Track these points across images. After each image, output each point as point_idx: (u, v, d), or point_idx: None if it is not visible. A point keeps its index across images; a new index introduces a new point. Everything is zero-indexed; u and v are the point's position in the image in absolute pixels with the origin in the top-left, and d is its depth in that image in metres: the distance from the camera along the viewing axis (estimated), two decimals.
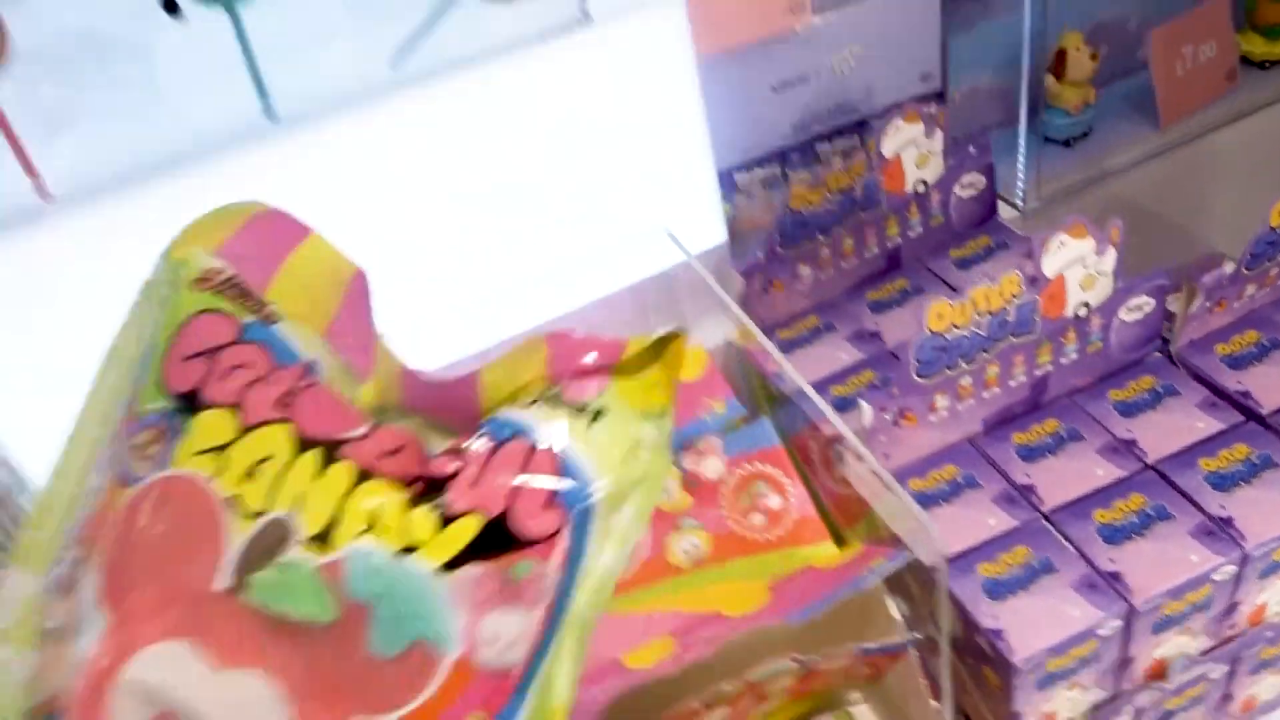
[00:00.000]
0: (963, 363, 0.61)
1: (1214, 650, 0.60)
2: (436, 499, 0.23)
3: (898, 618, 0.56)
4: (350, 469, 0.24)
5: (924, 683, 0.57)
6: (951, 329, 0.59)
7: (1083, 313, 0.64)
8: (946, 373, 0.61)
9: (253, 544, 0.23)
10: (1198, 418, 0.63)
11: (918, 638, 0.55)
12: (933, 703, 0.57)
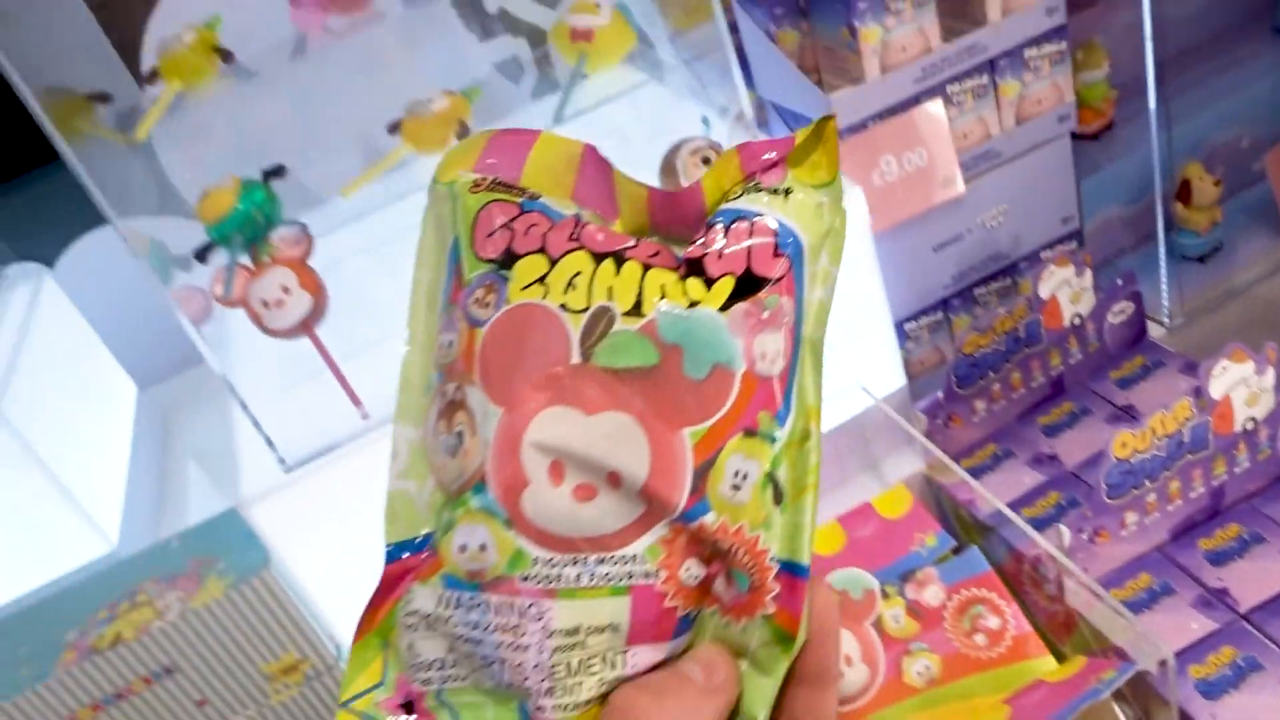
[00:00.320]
0: (1147, 482, 0.69)
1: None
2: (698, 273, 0.31)
3: None
4: (636, 265, 0.31)
5: None
6: (1135, 454, 0.67)
7: (1250, 426, 0.71)
8: (1133, 492, 0.69)
9: (587, 328, 0.30)
10: None
11: None
12: None
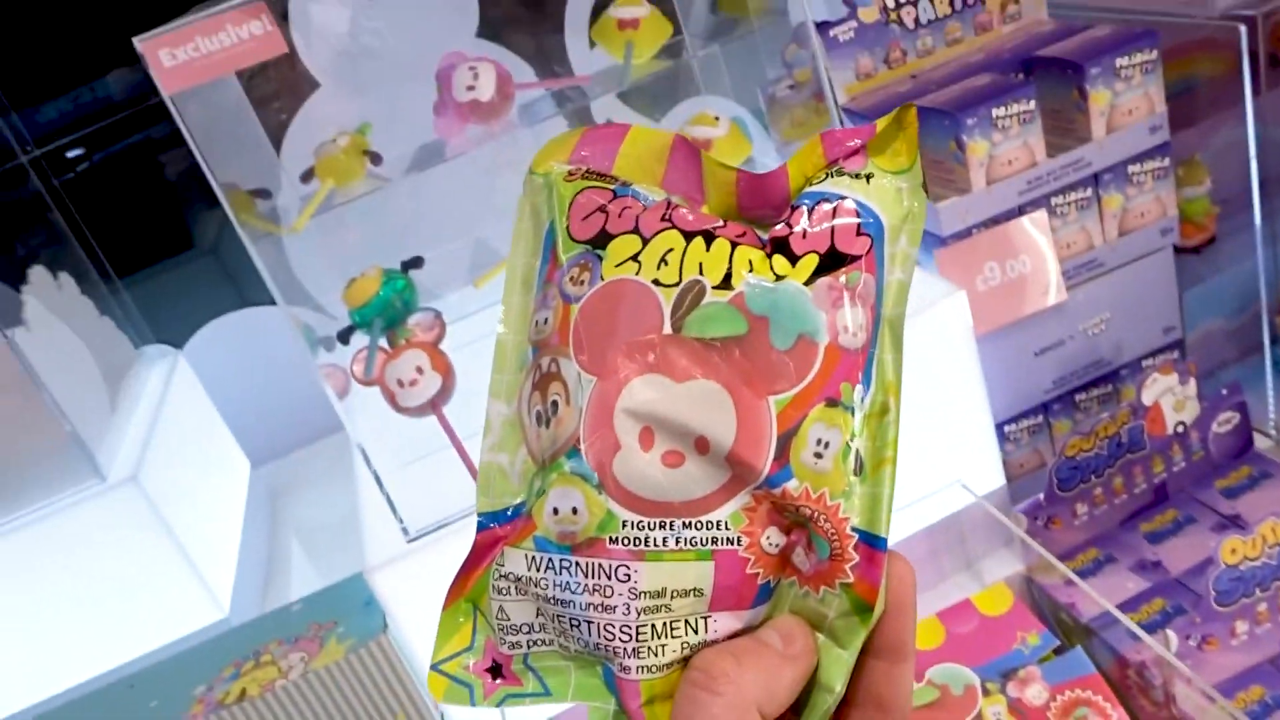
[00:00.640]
0: (1258, 590, 0.68)
1: None
2: (784, 250, 0.32)
3: None
4: (725, 243, 0.32)
5: None
6: (1244, 561, 0.67)
7: None
8: (1244, 600, 0.68)
9: (679, 299, 0.31)
10: None
11: None
12: None
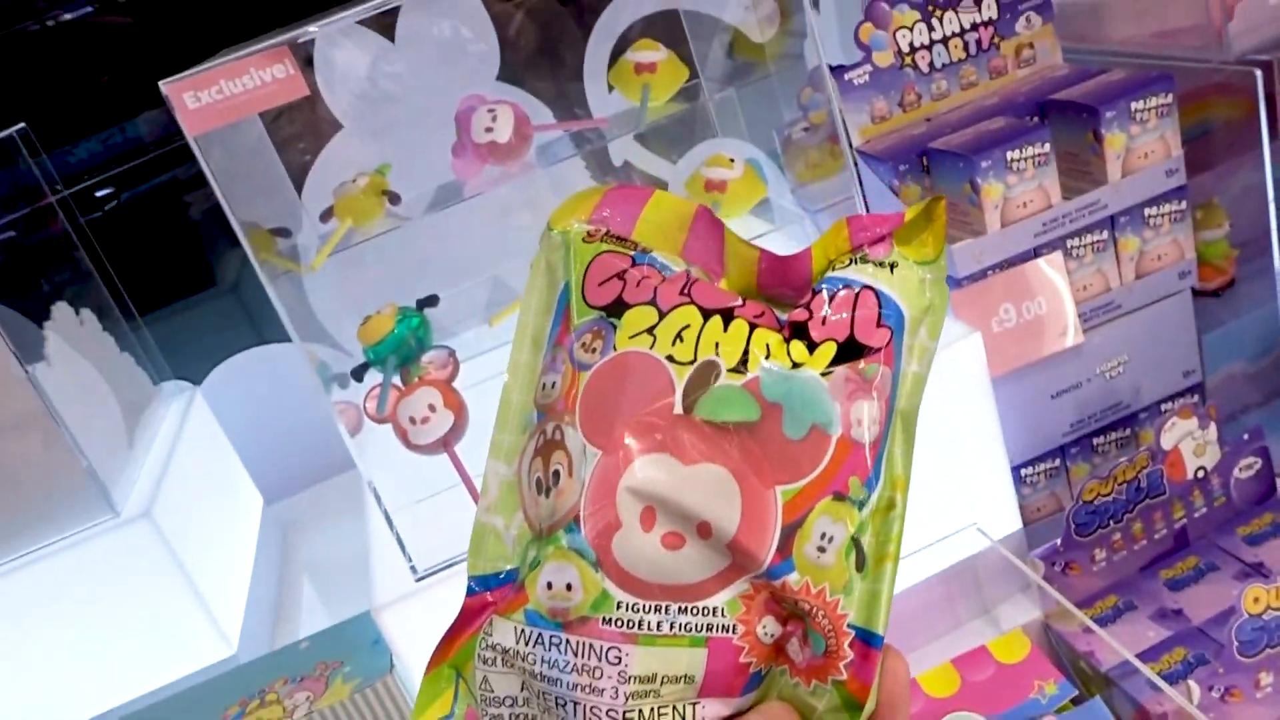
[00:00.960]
0: None
1: None
2: (802, 336, 0.32)
3: None
4: (744, 323, 0.32)
5: None
6: (1268, 610, 0.66)
7: None
8: (1268, 651, 0.67)
9: (692, 380, 0.31)
10: None
11: None
12: None
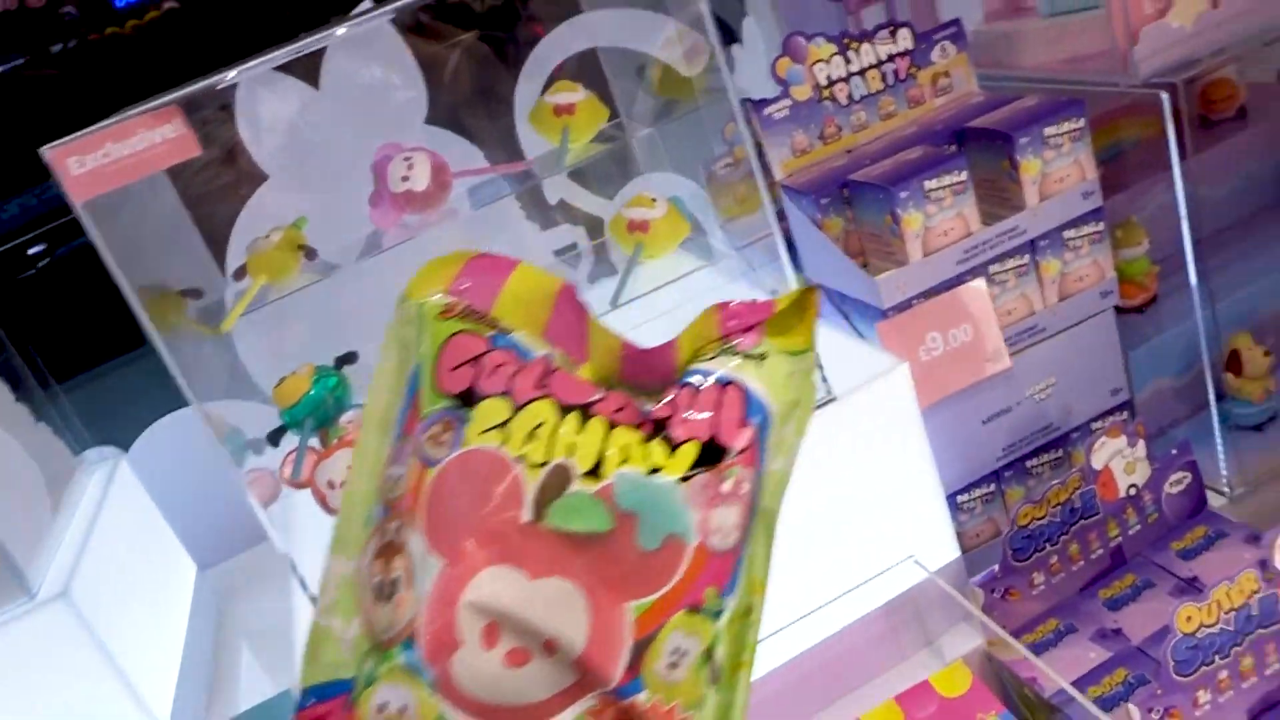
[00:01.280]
0: (1218, 658, 0.67)
1: None
2: (663, 434, 0.31)
3: None
4: (602, 422, 0.31)
5: None
6: (1201, 628, 0.66)
7: None
8: (1204, 669, 0.67)
9: (544, 486, 0.30)
10: None
11: None
12: None
